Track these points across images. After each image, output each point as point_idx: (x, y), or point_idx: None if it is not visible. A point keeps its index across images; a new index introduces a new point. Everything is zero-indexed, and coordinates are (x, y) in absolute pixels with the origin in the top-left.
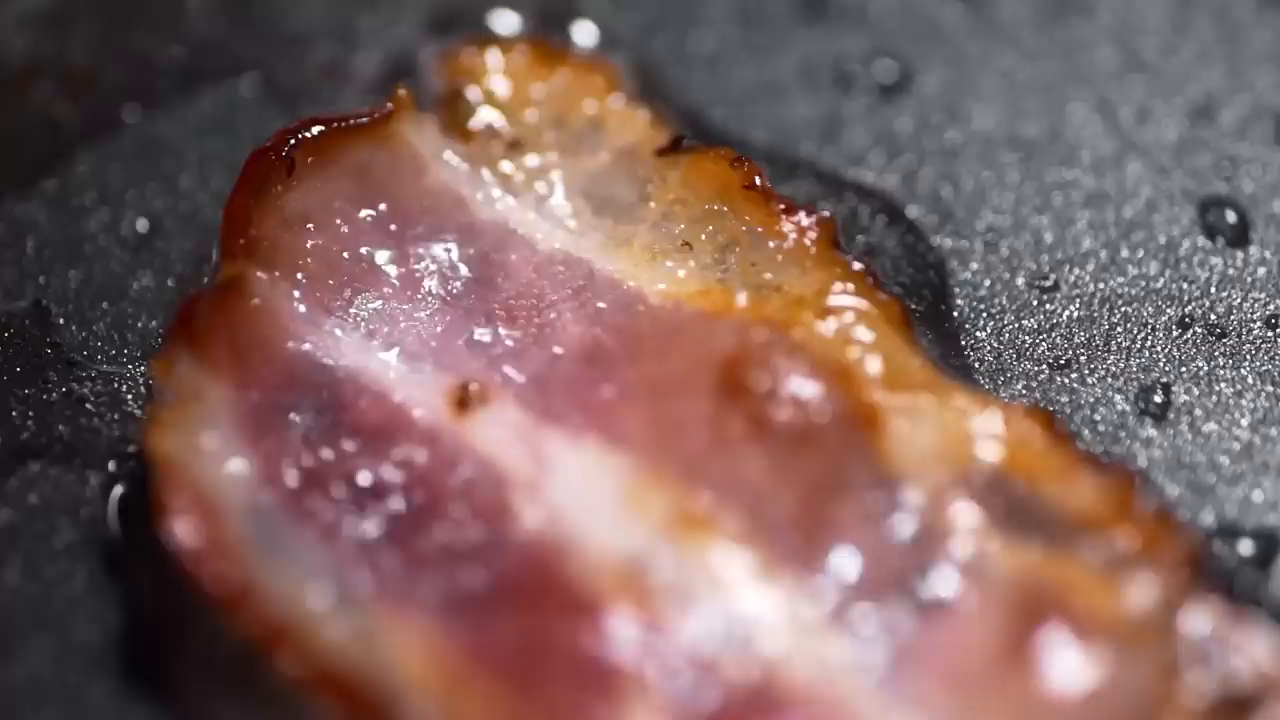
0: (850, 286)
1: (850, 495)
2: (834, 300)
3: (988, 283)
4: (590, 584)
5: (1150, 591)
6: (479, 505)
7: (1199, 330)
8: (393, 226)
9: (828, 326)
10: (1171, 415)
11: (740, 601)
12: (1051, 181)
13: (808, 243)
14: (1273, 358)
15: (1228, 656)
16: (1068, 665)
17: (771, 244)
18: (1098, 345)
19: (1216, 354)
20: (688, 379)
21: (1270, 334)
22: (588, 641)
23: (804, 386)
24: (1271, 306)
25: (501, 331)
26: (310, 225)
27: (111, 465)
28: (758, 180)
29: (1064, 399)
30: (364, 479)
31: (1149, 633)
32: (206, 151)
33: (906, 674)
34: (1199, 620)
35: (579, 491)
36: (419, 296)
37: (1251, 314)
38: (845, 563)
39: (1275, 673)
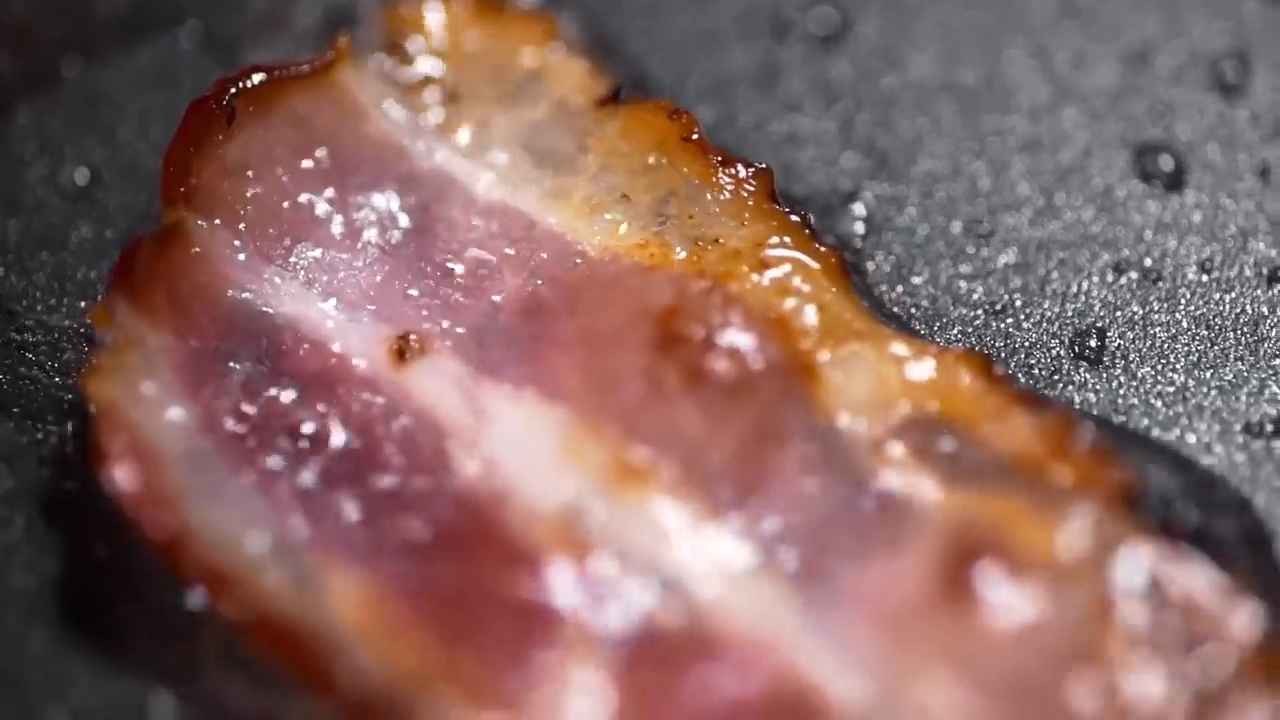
0: (788, 239)
1: (786, 444)
2: (771, 252)
3: (924, 229)
4: (527, 534)
5: (1086, 529)
6: (417, 455)
7: (1134, 275)
8: (333, 175)
9: (765, 278)
10: (1106, 359)
11: (676, 550)
12: (988, 128)
13: (745, 194)
14: (1207, 302)
15: (1163, 593)
16: (1003, 603)
17: (709, 196)
18: (1033, 290)
19: (1151, 298)
20: (625, 332)
21: (1204, 278)
22: (524, 590)
23: (740, 337)
24: (1206, 251)
25: (441, 283)
26: (250, 173)
27: (51, 413)
28: (695, 133)
29: (1000, 343)
30: (302, 427)
31: (1084, 570)
32: (146, 103)
33: (841, 616)
34: (1134, 557)
35: (516, 443)
36: (359, 246)
37: (1186, 258)
38: (781, 510)
39: (1211, 608)
